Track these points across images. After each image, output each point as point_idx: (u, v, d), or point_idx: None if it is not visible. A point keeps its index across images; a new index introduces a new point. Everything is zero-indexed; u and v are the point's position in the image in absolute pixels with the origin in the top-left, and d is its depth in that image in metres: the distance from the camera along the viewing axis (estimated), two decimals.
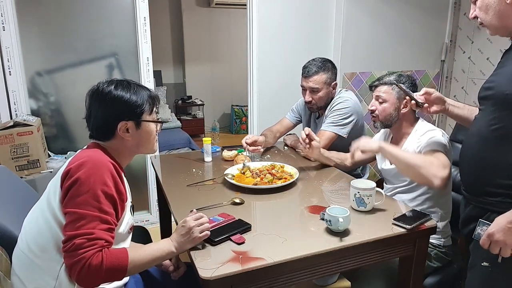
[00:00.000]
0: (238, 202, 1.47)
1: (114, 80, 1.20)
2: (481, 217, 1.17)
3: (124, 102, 1.16)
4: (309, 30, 3.01)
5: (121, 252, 1.04)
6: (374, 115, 1.70)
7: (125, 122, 1.17)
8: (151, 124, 1.24)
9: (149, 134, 1.24)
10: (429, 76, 3.58)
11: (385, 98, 1.65)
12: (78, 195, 1.02)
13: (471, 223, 1.22)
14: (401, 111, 1.64)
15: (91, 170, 1.04)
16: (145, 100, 1.20)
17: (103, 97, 1.16)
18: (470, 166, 1.22)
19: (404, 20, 3.30)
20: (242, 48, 3.33)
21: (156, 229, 2.37)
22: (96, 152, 1.13)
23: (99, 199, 1.03)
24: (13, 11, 2.39)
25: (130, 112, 1.18)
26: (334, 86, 2.09)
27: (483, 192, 1.18)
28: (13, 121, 2.30)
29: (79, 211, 1.01)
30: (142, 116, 1.20)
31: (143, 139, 1.23)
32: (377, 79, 1.72)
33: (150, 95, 1.23)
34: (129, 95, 1.17)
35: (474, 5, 1.20)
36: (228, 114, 6.53)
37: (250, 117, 3.08)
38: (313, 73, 2.02)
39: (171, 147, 4.07)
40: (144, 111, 1.20)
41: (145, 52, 2.71)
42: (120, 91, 1.17)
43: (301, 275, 1.13)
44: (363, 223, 1.30)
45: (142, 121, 1.20)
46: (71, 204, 1.02)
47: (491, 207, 1.15)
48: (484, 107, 1.20)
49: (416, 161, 1.41)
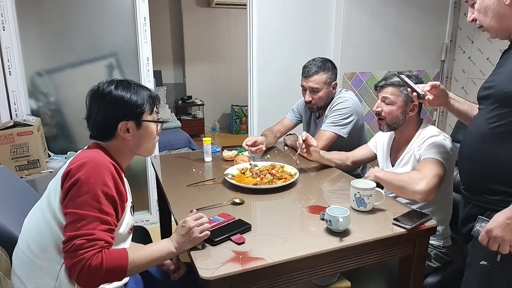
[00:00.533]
0: (238, 202, 1.47)
1: (115, 80, 1.20)
2: (481, 215, 1.17)
3: (125, 102, 1.16)
4: (309, 30, 3.01)
5: (121, 253, 1.04)
6: (380, 117, 1.64)
7: (126, 122, 1.17)
8: (152, 124, 1.24)
9: (150, 134, 1.24)
10: (429, 76, 3.58)
11: (392, 100, 1.59)
12: (79, 195, 1.02)
13: (470, 222, 1.22)
14: (408, 114, 1.60)
15: (91, 170, 1.04)
16: (145, 100, 1.20)
17: (103, 97, 1.16)
18: (470, 164, 1.22)
19: (404, 20, 3.30)
20: (242, 48, 3.33)
21: (156, 229, 2.37)
22: (96, 152, 1.13)
23: (99, 200, 1.03)
24: (13, 11, 2.39)
25: (131, 112, 1.17)
26: (334, 86, 2.09)
27: (483, 190, 1.18)
28: (13, 121, 2.30)
29: (79, 212, 1.01)
30: (143, 116, 1.20)
31: (144, 139, 1.23)
32: (383, 79, 1.65)
33: (151, 95, 1.23)
34: (129, 95, 1.17)
35: (472, 8, 1.20)
36: (228, 114, 6.53)
37: (250, 117, 3.08)
38: (313, 73, 2.02)
39: (171, 147, 4.07)
40: (144, 111, 1.20)
41: (145, 52, 2.71)
42: (120, 91, 1.16)
43: (301, 275, 1.13)
44: (363, 223, 1.30)
45: (142, 121, 1.20)
46: (71, 204, 1.02)
47: (491, 205, 1.15)
48: (483, 107, 1.20)
49: (399, 183, 1.43)
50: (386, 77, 1.65)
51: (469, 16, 1.21)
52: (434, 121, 3.72)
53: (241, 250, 1.12)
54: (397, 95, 1.59)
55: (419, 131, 1.61)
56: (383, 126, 1.65)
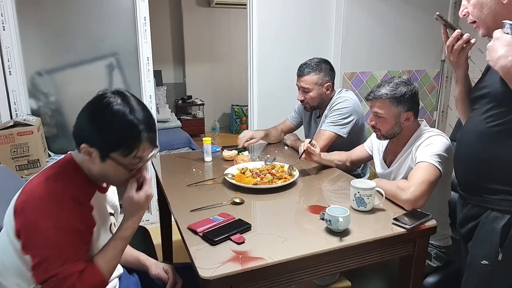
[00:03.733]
0: (238, 202, 1.47)
1: (116, 94, 1.03)
2: (480, 216, 1.16)
3: (96, 129, 0.99)
4: (309, 30, 3.01)
5: (91, 272, 1.00)
6: (375, 129, 1.62)
7: (88, 147, 1.01)
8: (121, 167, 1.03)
9: (116, 172, 1.04)
10: (429, 76, 3.58)
11: (383, 115, 1.55)
12: (32, 239, 0.96)
13: (469, 223, 1.22)
14: (403, 124, 1.57)
15: (35, 209, 0.95)
16: (126, 136, 1.00)
17: (85, 108, 1.03)
18: (468, 164, 1.21)
19: (404, 20, 3.30)
20: (242, 48, 3.33)
21: (156, 229, 2.36)
22: (46, 180, 1.00)
23: (55, 237, 0.96)
24: (13, 11, 2.39)
25: (97, 141, 1.00)
26: (328, 87, 2.08)
27: (482, 190, 1.17)
28: (13, 121, 2.30)
29: (39, 254, 0.95)
30: (112, 153, 1.01)
31: (107, 173, 1.05)
32: (371, 91, 1.58)
33: (141, 129, 1.00)
34: (107, 121, 0.98)
35: (466, 2, 1.15)
36: (228, 114, 6.53)
37: (250, 117, 3.08)
38: (304, 73, 2.05)
39: (171, 147, 4.08)
40: (117, 150, 1.00)
41: (145, 52, 2.71)
42: (116, 106, 0.99)
43: (301, 275, 1.13)
44: (363, 223, 1.30)
45: (108, 156, 1.01)
46: (28, 247, 0.97)
47: (491, 205, 1.14)
48: (478, 106, 1.19)
49: (389, 192, 1.42)
50: (374, 88, 1.59)
51: (461, 11, 1.17)
52: (434, 121, 3.72)
53: (241, 249, 1.12)
54: (387, 109, 1.54)
55: (417, 132, 1.59)
56: (379, 136, 1.64)
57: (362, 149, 1.91)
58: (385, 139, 1.65)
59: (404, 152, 1.60)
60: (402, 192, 1.38)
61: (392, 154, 1.70)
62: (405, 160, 1.59)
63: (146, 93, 2.78)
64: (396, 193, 1.40)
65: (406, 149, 1.60)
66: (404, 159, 1.60)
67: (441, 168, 1.42)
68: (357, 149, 1.94)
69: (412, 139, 1.59)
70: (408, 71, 3.46)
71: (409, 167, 1.55)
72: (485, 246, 1.12)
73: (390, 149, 1.72)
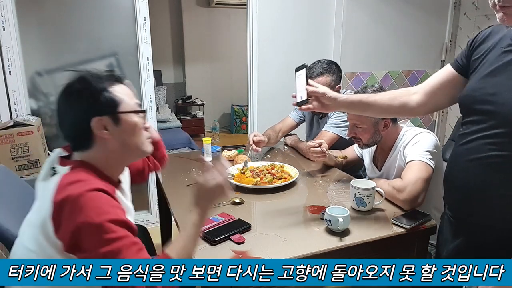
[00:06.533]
0: (238, 202, 1.47)
1: (84, 72, 1.05)
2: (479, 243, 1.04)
3: (90, 93, 0.98)
4: (309, 30, 3.01)
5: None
6: (357, 139, 1.63)
7: (99, 117, 0.98)
8: (133, 116, 1.02)
9: (134, 128, 1.02)
10: (429, 76, 3.58)
11: (360, 125, 1.56)
12: (89, 240, 0.88)
13: (459, 238, 1.11)
14: (382, 131, 1.58)
15: (84, 209, 0.88)
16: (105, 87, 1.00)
17: (67, 94, 1.02)
18: (463, 194, 1.07)
19: (404, 20, 3.30)
20: (242, 48, 3.33)
21: (156, 229, 2.36)
22: (79, 180, 0.93)
23: (110, 230, 0.88)
24: (13, 11, 2.39)
25: (97, 111, 0.98)
26: (338, 89, 2.07)
27: (479, 221, 1.03)
28: (13, 121, 2.30)
29: (98, 253, 0.87)
30: (117, 109, 0.99)
31: (128, 135, 1.02)
32: None
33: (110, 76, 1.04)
34: (92, 82, 1.00)
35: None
36: (228, 114, 6.54)
37: (250, 117, 3.08)
38: (317, 74, 1.99)
39: (171, 147, 4.08)
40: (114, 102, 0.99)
41: (145, 52, 2.70)
42: (83, 82, 1.00)
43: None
44: (363, 223, 1.30)
45: (119, 113, 0.99)
46: (85, 250, 0.89)
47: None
48: (478, 126, 1.01)
49: (386, 194, 1.42)
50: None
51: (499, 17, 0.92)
52: (434, 121, 3.72)
53: (241, 249, 1.12)
54: (364, 118, 1.54)
55: (400, 134, 1.60)
56: (362, 146, 1.64)
57: (352, 149, 1.92)
58: (367, 147, 1.66)
59: (392, 153, 1.61)
60: (398, 193, 1.39)
61: (381, 158, 1.71)
62: (394, 160, 1.60)
63: (146, 93, 2.78)
64: (393, 194, 1.41)
65: (394, 150, 1.61)
66: (393, 160, 1.61)
67: (432, 164, 1.44)
68: (349, 149, 1.95)
69: (398, 140, 1.60)
70: (408, 71, 3.46)
71: (399, 166, 1.56)
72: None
73: (380, 154, 1.73)
